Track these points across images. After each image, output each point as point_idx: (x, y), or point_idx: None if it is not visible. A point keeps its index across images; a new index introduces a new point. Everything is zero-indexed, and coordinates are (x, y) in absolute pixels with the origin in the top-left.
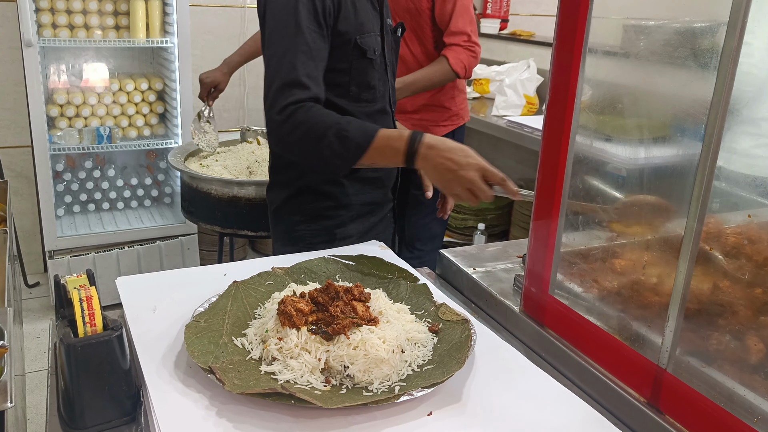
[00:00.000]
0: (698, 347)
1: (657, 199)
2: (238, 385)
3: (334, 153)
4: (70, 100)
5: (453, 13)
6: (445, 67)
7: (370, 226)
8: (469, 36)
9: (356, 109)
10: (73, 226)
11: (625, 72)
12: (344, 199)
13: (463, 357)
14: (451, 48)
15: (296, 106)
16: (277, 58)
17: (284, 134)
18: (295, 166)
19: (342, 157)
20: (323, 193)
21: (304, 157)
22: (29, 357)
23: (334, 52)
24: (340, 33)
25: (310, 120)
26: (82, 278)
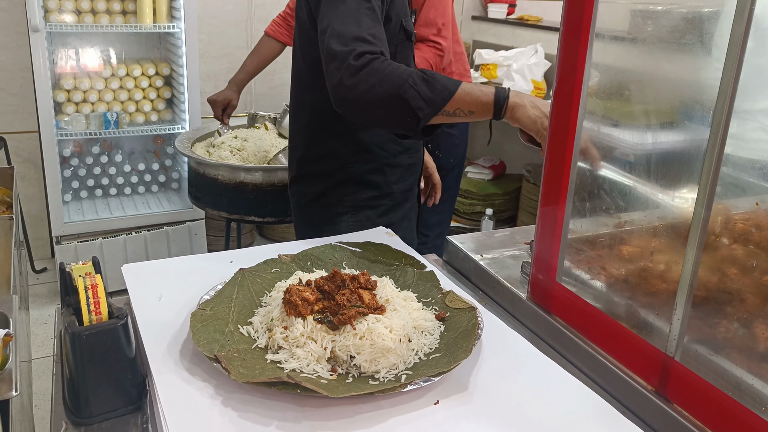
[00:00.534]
0: (706, 335)
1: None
2: (244, 374)
3: (420, 95)
4: (77, 86)
5: (425, 3)
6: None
7: (405, 212)
8: (439, 30)
9: None
10: (81, 212)
11: (632, 57)
12: (386, 187)
13: (470, 345)
14: (417, 47)
15: (373, 56)
16: (340, 17)
17: (360, 80)
18: (335, 156)
19: (429, 100)
20: (366, 182)
21: (382, 104)
22: (36, 343)
23: (387, 34)
24: (392, 14)
25: (389, 68)
26: (87, 266)
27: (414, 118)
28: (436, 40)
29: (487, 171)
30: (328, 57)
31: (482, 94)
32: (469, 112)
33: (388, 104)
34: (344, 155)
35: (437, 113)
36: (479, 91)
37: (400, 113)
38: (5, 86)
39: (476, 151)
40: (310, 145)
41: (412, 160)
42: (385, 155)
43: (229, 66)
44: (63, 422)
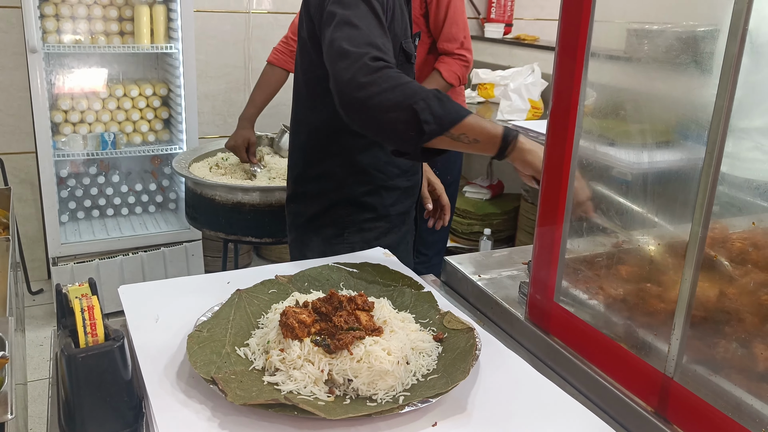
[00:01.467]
0: (705, 355)
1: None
2: (241, 395)
3: (430, 109)
4: (75, 106)
5: (445, 20)
6: (439, 81)
7: (402, 235)
8: (462, 43)
9: None
10: (77, 233)
11: (628, 76)
12: (383, 210)
13: (467, 366)
14: (443, 60)
15: (387, 64)
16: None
17: (372, 81)
18: (331, 176)
19: (438, 117)
20: (363, 204)
21: (390, 110)
22: (32, 365)
23: None
24: (392, 36)
25: (404, 78)
26: (84, 287)
27: (418, 132)
28: (460, 53)
29: (485, 191)
30: (338, 56)
31: (492, 126)
32: (474, 140)
33: (396, 111)
34: (340, 176)
35: (443, 132)
36: (489, 123)
37: (406, 124)
38: (2, 107)
39: (474, 171)
40: (307, 165)
41: (410, 182)
42: (382, 177)
43: (227, 86)
44: None
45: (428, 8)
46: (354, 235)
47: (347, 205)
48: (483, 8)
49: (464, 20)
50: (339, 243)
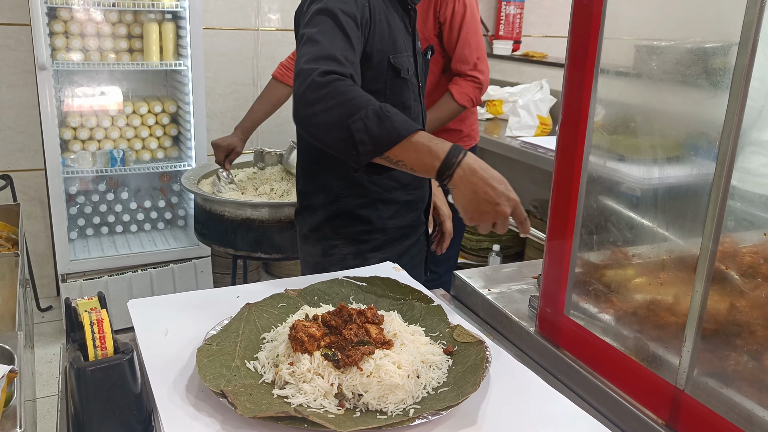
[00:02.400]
0: (716, 368)
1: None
2: (251, 408)
3: (367, 130)
4: (84, 123)
5: (458, 41)
6: (451, 104)
7: (404, 249)
8: (475, 64)
9: None
10: (86, 250)
11: (637, 92)
12: (379, 222)
13: (478, 379)
14: (456, 82)
15: (338, 77)
16: (315, 38)
17: (319, 97)
18: (328, 189)
19: (374, 138)
20: (358, 216)
21: (331, 128)
22: (41, 382)
23: (370, 71)
24: (374, 51)
25: (352, 92)
26: (93, 301)
27: (356, 152)
28: (473, 74)
29: None
30: (296, 74)
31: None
32: (411, 169)
33: (336, 130)
34: (336, 189)
35: (379, 155)
36: (433, 148)
37: (344, 143)
38: (12, 124)
39: None
40: (307, 179)
41: (412, 197)
42: (378, 190)
43: (236, 103)
44: None
45: (442, 29)
46: (347, 246)
47: (344, 217)
48: (491, 25)
49: (478, 41)
50: (334, 254)
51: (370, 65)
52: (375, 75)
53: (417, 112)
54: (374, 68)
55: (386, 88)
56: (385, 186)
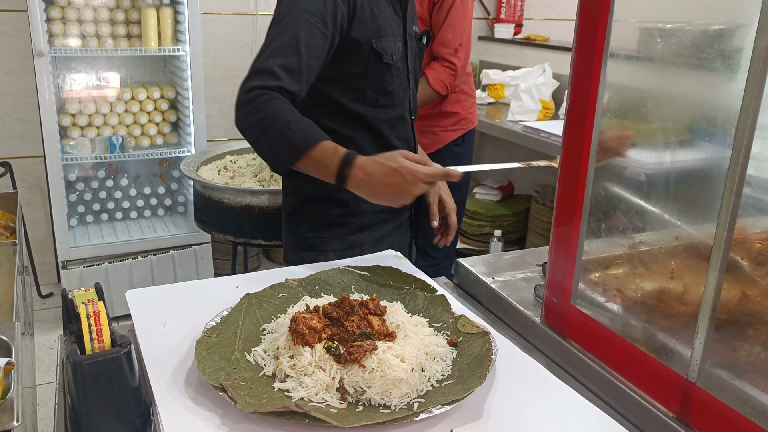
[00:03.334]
0: (727, 359)
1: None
2: (251, 403)
3: (272, 149)
4: (82, 110)
5: (444, 23)
6: (426, 88)
7: (385, 234)
8: (456, 50)
9: (373, 114)
10: (86, 236)
11: (648, 76)
12: (356, 206)
13: (483, 372)
14: (432, 66)
15: (261, 92)
16: (265, 45)
17: (242, 116)
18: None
19: (277, 156)
20: (336, 199)
21: (253, 143)
22: (42, 369)
23: (351, 55)
24: (355, 37)
25: (267, 109)
26: (90, 292)
27: (271, 166)
28: (450, 59)
29: (496, 192)
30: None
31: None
32: (320, 177)
33: (256, 144)
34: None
35: (285, 169)
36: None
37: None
38: (11, 111)
39: (484, 172)
40: None
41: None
42: None
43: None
44: None
45: (433, 8)
46: (328, 230)
47: (321, 199)
48: (493, 9)
49: (464, 27)
50: (312, 237)
51: (351, 50)
52: (356, 59)
53: (402, 96)
54: (356, 52)
55: (367, 71)
56: None
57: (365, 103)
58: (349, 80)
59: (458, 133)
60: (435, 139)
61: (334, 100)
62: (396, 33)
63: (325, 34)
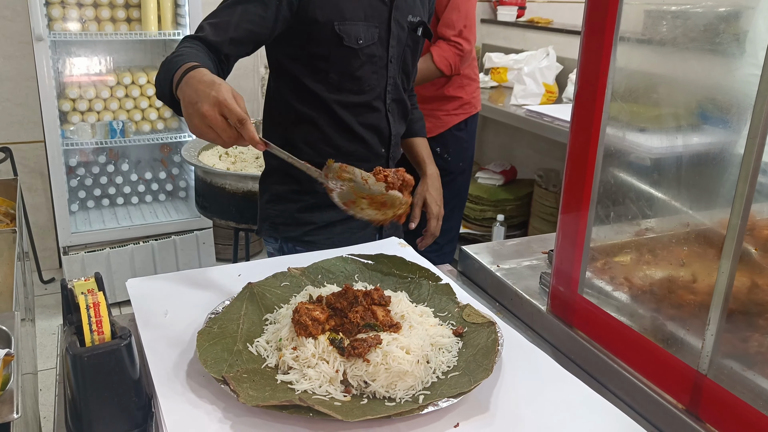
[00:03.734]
0: (738, 350)
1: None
2: (254, 396)
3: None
4: (82, 95)
5: (448, 5)
6: (429, 65)
7: (343, 217)
8: (461, 31)
9: (336, 98)
10: (88, 222)
11: (660, 60)
12: (308, 185)
13: (490, 364)
14: (438, 45)
15: (183, 39)
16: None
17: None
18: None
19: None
20: (288, 174)
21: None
22: (44, 354)
23: (312, 35)
24: (314, 17)
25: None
26: (89, 282)
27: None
28: (456, 40)
29: (498, 176)
30: None
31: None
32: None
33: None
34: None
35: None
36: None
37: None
38: (10, 96)
39: (486, 156)
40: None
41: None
42: (312, 154)
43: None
44: None
45: None
46: (280, 203)
47: (277, 174)
48: None
49: (468, 9)
50: (268, 210)
51: (312, 29)
52: (318, 39)
53: (375, 83)
54: (317, 33)
55: (330, 54)
56: (321, 151)
57: (328, 86)
58: (312, 61)
59: (461, 118)
60: (437, 123)
61: (296, 78)
62: (372, 18)
63: (266, 4)
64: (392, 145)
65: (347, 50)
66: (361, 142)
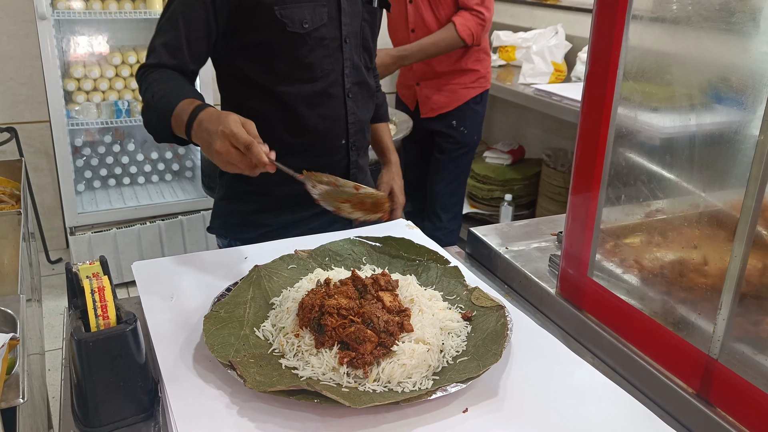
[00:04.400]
0: (749, 333)
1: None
2: (261, 381)
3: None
4: (87, 74)
5: None
6: (453, 34)
7: (298, 219)
8: (482, 0)
9: (285, 89)
10: (94, 202)
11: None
12: (262, 187)
13: (500, 348)
14: (461, 14)
15: (143, 71)
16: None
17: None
18: None
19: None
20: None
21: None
22: (52, 335)
23: (253, 22)
24: (250, 4)
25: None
26: (94, 266)
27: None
28: (479, 9)
29: (506, 156)
30: None
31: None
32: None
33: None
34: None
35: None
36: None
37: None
38: (15, 75)
39: (494, 136)
40: None
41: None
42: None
43: None
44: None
45: None
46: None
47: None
48: None
49: None
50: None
51: (253, 15)
52: (259, 26)
53: (329, 69)
54: (258, 18)
55: (273, 41)
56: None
57: (275, 76)
58: (255, 50)
59: (477, 91)
60: (454, 97)
61: (240, 71)
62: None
63: (205, 3)
64: (352, 133)
65: (292, 36)
66: (317, 135)
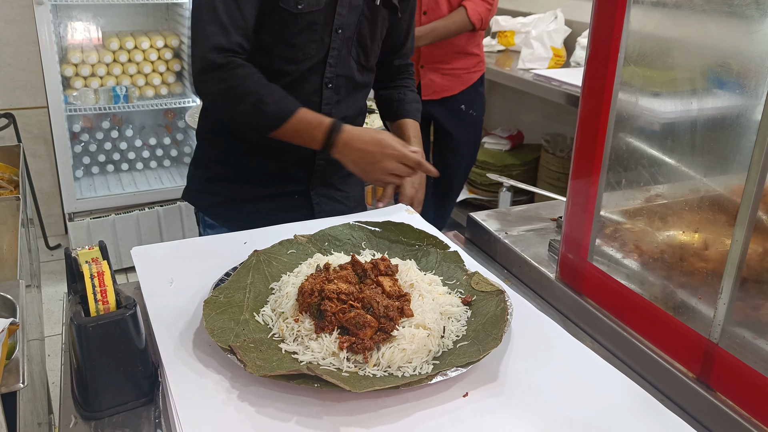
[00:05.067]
0: (749, 318)
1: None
2: (261, 366)
3: (247, 121)
4: (85, 60)
5: None
6: (463, 17)
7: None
8: None
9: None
10: (93, 188)
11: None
12: (221, 153)
13: (499, 333)
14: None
15: (224, 59)
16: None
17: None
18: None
19: (254, 128)
20: (207, 140)
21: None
22: (52, 320)
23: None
24: None
25: (233, 80)
26: (94, 251)
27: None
28: None
29: (505, 141)
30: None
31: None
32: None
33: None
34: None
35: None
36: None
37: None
38: (12, 61)
39: (493, 121)
40: None
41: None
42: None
43: None
44: (72, 416)
45: None
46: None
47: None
48: None
49: None
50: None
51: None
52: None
53: (313, 54)
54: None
55: (264, 19)
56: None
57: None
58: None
59: (478, 75)
60: (458, 81)
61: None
62: None
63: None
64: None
65: (283, 13)
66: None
